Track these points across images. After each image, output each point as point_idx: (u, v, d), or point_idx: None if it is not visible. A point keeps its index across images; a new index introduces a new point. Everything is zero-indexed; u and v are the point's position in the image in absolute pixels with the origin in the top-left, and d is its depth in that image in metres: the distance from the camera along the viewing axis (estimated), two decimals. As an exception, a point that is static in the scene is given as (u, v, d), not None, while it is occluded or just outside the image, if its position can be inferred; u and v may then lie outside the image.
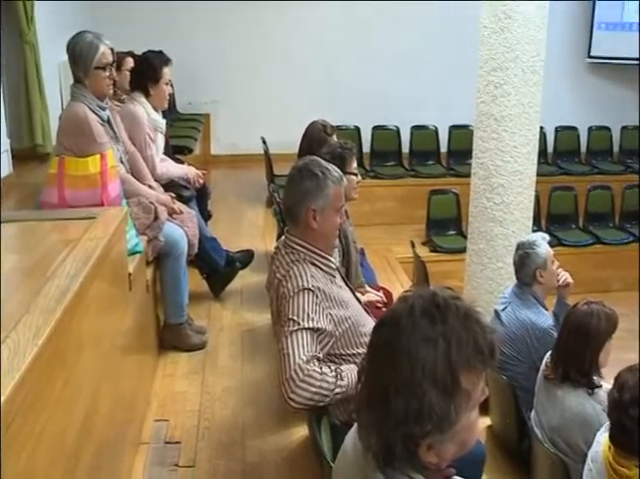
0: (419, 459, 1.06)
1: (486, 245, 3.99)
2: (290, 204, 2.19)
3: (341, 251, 3.26)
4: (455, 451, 1.09)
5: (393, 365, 1.04)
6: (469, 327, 1.04)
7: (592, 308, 2.61)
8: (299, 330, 1.96)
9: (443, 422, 1.02)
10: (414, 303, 1.07)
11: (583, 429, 2.42)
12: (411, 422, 1.01)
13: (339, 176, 2.20)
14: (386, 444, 1.05)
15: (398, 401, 1.02)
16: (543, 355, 2.76)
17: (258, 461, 2.49)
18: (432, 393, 1.00)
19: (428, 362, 1.01)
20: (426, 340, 1.02)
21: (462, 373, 1.02)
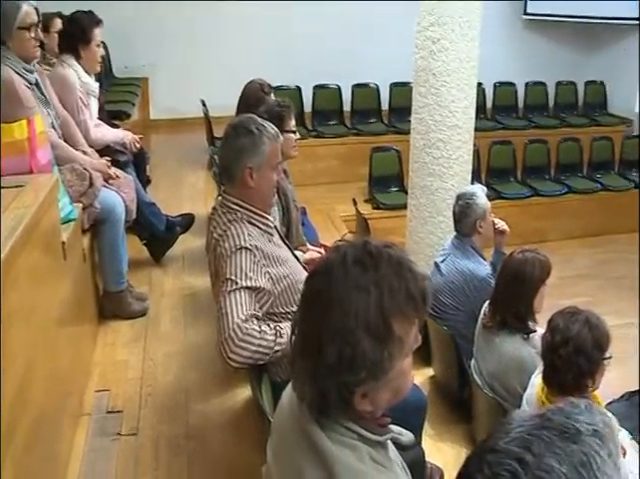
0: (353, 408, 1.05)
1: (427, 200, 3.98)
2: (226, 162, 2.13)
3: (281, 210, 3.24)
4: (389, 399, 1.08)
5: (325, 314, 1.02)
6: (401, 275, 1.03)
7: (526, 256, 2.63)
8: (237, 290, 1.91)
9: (376, 369, 1.01)
10: (346, 252, 1.05)
11: (519, 373, 2.46)
12: (344, 370, 1.00)
13: (275, 132, 2.15)
14: (320, 393, 1.03)
15: (331, 349, 1.00)
16: (482, 304, 2.78)
17: (202, 424, 2.44)
18: (365, 340, 0.99)
19: (360, 310, 0.99)
20: (358, 288, 1.01)
21: (394, 320, 1.01)
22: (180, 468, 2.22)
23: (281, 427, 1.20)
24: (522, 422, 0.71)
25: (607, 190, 6.07)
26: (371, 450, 1.08)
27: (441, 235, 3.78)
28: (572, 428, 0.69)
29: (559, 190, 5.89)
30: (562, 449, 0.66)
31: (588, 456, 0.66)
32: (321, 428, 1.06)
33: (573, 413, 0.71)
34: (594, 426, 0.70)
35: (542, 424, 0.70)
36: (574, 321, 2.09)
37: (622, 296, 4.69)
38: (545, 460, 0.65)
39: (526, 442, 0.67)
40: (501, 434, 0.70)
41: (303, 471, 1.07)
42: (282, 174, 3.46)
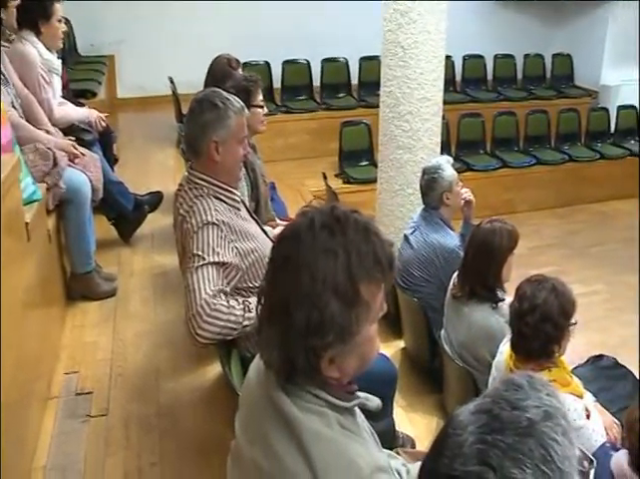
0: (320, 373, 1.03)
1: (396, 173, 3.95)
2: (191, 137, 2.08)
3: (249, 185, 3.21)
4: (356, 366, 1.07)
5: (293, 278, 1.01)
6: (368, 239, 1.03)
7: (494, 226, 2.62)
8: (204, 265, 1.88)
9: (344, 333, 1.00)
10: (313, 217, 1.04)
11: (488, 342, 2.46)
12: (312, 334, 0.99)
13: (240, 106, 2.11)
14: (287, 358, 1.02)
15: (299, 313, 0.99)
16: (451, 275, 2.77)
17: (173, 402, 2.40)
18: (333, 304, 0.98)
19: (328, 273, 0.99)
20: (326, 252, 1.00)
21: (362, 284, 1.00)
22: (152, 446, 2.19)
23: (248, 398, 1.17)
24: (471, 428, 0.66)
25: (574, 161, 6.10)
26: (338, 416, 1.07)
27: (410, 207, 3.75)
28: (524, 420, 0.65)
29: (528, 161, 5.90)
30: (520, 451, 0.63)
31: (547, 448, 0.64)
32: (288, 396, 1.05)
33: (520, 401, 0.67)
34: (543, 407, 0.67)
35: (492, 426, 0.65)
36: (541, 289, 2.09)
37: (588, 265, 4.75)
38: (507, 472, 0.62)
39: (482, 455, 0.63)
40: (454, 450, 0.65)
41: (270, 439, 1.05)
42: (250, 149, 3.41)
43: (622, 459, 1.80)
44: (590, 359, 2.79)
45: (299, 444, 1.02)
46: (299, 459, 1.02)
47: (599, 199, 6.01)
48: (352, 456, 1.03)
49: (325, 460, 1.01)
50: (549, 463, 0.63)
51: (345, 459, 1.02)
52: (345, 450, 1.03)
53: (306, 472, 1.01)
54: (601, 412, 2.25)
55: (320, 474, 1.00)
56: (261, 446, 1.07)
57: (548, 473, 0.62)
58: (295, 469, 1.01)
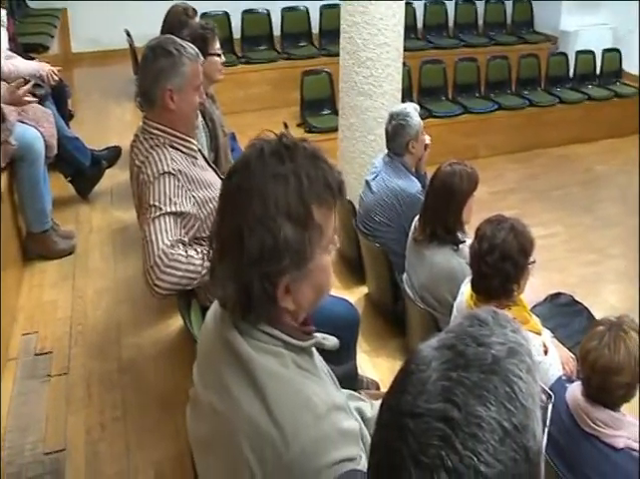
0: (277, 304, 1.01)
1: (357, 119, 3.83)
2: (145, 86, 1.99)
3: (208, 136, 3.10)
4: (311, 297, 1.05)
5: (245, 207, 0.99)
6: (317, 165, 1.02)
7: (454, 168, 2.56)
8: (161, 216, 1.83)
9: (298, 256, 0.99)
10: (262, 147, 1.03)
11: (449, 283, 2.43)
12: (267, 259, 0.97)
13: (195, 52, 2.03)
14: (243, 289, 1.00)
15: (253, 240, 0.97)
16: (412, 219, 2.71)
17: (135, 357, 2.34)
18: (286, 227, 0.97)
19: (280, 197, 0.98)
20: (276, 177, 0.99)
21: (313, 205, 1.00)
22: (114, 402, 2.13)
23: (205, 344, 1.15)
24: (435, 364, 0.62)
25: (534, 106, 6.04)
26: (295, 356, 1.05)
27: (372, 154, 3.65)
28: (489, 357, 0.61)
29: (489, 107, 5.81)
30: (485, 388, 0.59)
31: (511, 385, 0.60)
32: (243, 336, 1.03)
33: (484, 337, 0.63)
34: (508, 344, 0.63)
35: (457, 363, 0.61)
36: (500, 229, 2.06)
37: (548, 208, 4.75)
38: (472, 410, 0.58)
39: (447, 392, 0.59)
40: (418, 387, 0.61)
41: (226, 381, 1.03)
42: (209, 99, 3.27)
43: (576, 390, 1.80)
44: (548, 297, 2.80)
45: (254, 385, 1.00)
46: (255, 400, 0.99)
47: (559, 143, 5.99)
48: (308, 394, 1.01)
49: (280, 399, 0.99)
50: (514, 400, 0.60)
51: (301, 397, 1.00)
52: (301, 389, 1.01)
53: (262, 412, 0.98)
54: (558, 347, 2.26)
55: (276, 414, 0.98)
56: (217, 389, 1.05)
57: (512, 410, 0.59)
58: (251, 410, 0.99)
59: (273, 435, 0.97)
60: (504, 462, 0.57)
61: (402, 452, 0.59)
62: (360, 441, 1.09)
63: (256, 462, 0.99)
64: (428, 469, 0.56)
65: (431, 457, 0.57)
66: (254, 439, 0.99)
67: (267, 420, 0.98)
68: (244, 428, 0.99)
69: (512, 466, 0.58)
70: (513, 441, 0.58)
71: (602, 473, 1.70)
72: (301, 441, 0.97)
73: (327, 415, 1.00)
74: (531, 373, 0.63)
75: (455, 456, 0.56)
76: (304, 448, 0.97)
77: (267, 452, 0.98)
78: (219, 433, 1.05)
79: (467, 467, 0.56)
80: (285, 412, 0.98)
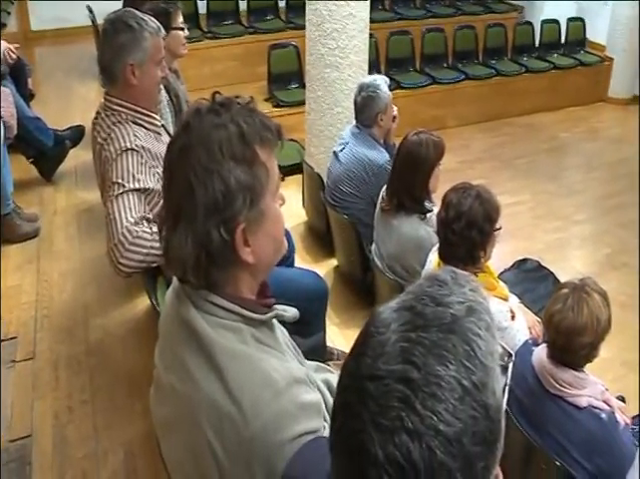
0: (237, 259, 0.99)
1: (324, 92, 3.74)
2: (106, 61, 1.93)
3: (173, 112, 3.00)
4: (268, 250, 1.05)
5: (191, 161, 0.98)
6: (253, 113, 1.03)
7: (420, 138, 2.52)
8: (125, 193, 1.78)
9: (251, 194, 0.98)
10: (198, 107, 1.03)
11: (417, 252, 2.40)
12: (221, 205, 0.97)
13: (157, 26, 1.96)
14: (201, 243, 0.97)
15: (204, 189, 0.96)
16: (380, 190, 2.66)
17: (102, 338, 2.28)
18: (234, 169, 0.97)
19: (223, 142, 0.98)
20: (216, 126, 0.99)
21: (256, 145, 1.00)
22: (82, 385, 2.07)
23: (165, 323, 1.12)
24: (394, 326, 0.60)
25: (501, 75, 5.99)
26: (254, 331, 1.03)
27: (339, 126, 3.58)
28: (448, 316, 0.60)
29: (456, 77, 5.75)
30: (444, 348, 0.58)
31: (470, 343, 0.59)
32: (200, 313, 1.01)
33: (443, 296, 0.62)
34: (466, 303, 0.62)
35: (416, 323, 0.60)
36: (466, 197, 2.04)
37: (515, 176, 4.75)
38: (431, 370, 0.57)
39: (406, 353, 0.58)
40: (377, 349, 0.59)
41: (184, 361, 1.01)
42: (173, 74, 3.16)
43: (542, 353, 1.81)
44: (515, 264, 2.79)
45: (213, 364, 0.98)
46: (213, 379, 0.98)
47: (525, 111, 5.97)
48: (267, 370, 0.99)
49: (239, 377, 0.97)
50: (473, 358, 0.58)
51: (260, 374, 0.98)
52: (259, 365, 0.99)
53: (221, 391, 0.97)
54: (525, 312, 2.26)
55: (235, 392, 0.96)
56: (177, 370, 1.03)
57: (472, 368, 0.58)
58: (210, 389, 0.97)
59: (233, 413, 0.95)
60: (464, 420, 0.56)
61: (362, 416, 0.57)
62: (322, 413, 1.07)
63: (217, 441, 0.97)
64: (388, 431, 0.55)
65: (391, 419, 0.55)
66: (214, 418, 0.97)
67: (226, 399, 0.96)
68: (204, 408, 0.98)
69: (472, 424, 0.57)
70: (473, 399, 0.57)
71: (566, 431, 1.72)
72: (261, 418, 0.95)
73: (287, 390, 0.99)
74: (490, 331, 0.62)
75: (415, 417, 0.55)
76: (265, 424, 0.95)
77: (228, 431, 0.96)
78: (180, 414, 1.03)
79: (427, 427, 0.55)
80: (244, 390, 0.96)
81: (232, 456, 0.97)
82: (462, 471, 0.56)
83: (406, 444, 0.55)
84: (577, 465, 1.68)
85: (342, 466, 0.60)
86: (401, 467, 0.55)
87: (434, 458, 0.55)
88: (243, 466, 0.97)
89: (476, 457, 0.57)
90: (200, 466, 1.00)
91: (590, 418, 1.70)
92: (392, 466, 0.55)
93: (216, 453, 0.97)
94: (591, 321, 1.68)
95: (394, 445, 0.55)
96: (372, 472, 0.56)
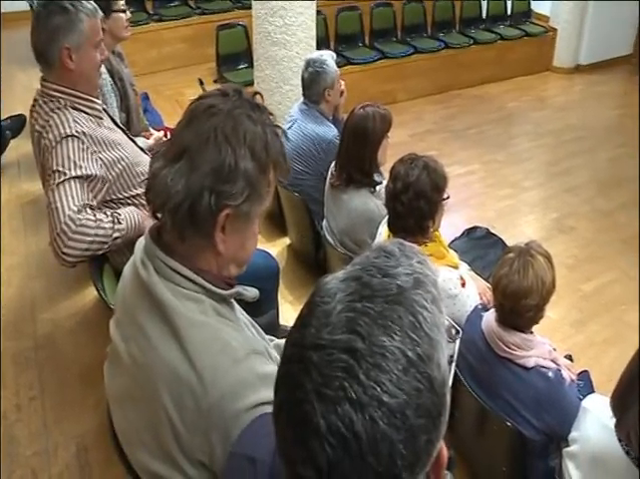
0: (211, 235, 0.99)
1: (272, 70, 3.65)
2: (40, 46, 1.84)
3: (118, 96, 2.90)
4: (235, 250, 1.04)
5: (216, 121, 0.97)
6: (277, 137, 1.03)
7: (367, 111, 2.48)
8: (66, 181, 1.70)
9: (251, 190, 0.98)
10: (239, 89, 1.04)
11: (368, 225, 2.37)
12: (225, 175, 0.96)
13: (93, 7, 1.87)
14: (191, 193, 0.96)
15: (217, 152, 0.96)
16: (330, 165, 2.60)
17: (51, 332, 2.18)
18: (248, 159, 0.97)
19: (250, 132, 0.98)
20: (249, 118, 0.99)
21: (271, 163, 1.01)
22: (30, 381, 1.98)
23: (123, 295, 1.10)
24: (340, 296, 0.58)
25: (450, 48, 5.95)
26: (216, 304, 1.03)
27: (288, 103, 3.50)
28: (394, 287, 0.59)
29: (406, 51, 5.69)
30: (389, 318, 0.57)
31: (416, 315, 0.58)
32: (163, 281, 1.00)
33: (390, 268, 0.61)
34: (413, 274, 0.61)
35: (362, 294, 0.58)
36: (414, 167, 2.01)
37: (465, 147, 4.75)
38: (376, 340, 0.56)
39: (351, 323, 0.56)
40: (322, 319, 0.58)
41: (145, 329, 1.00)
42: (116, 57, 3.04)
43: (490, 318, 1.81)
44: (465, 232, 2.79)
45: (173, 331, 0.98)
46: (174, 346, 0.97)
47: (474, 83, 5.97)
48: (227, 339, 0.99)
49: (199, 345, 0.97)
50: (418, 330, 0.57)
51: (219, 343, 0.98)
52: (220, 335, 0.99)
53: (181, 359, 0.96)
54: (475, 279, 2.25)
55: (195, 360, 0.96)
56: (137, 339, 1.02)
57: (417, 340, 0.56)
58: (170, 356, 0.97)
59: (192, 382, 0.95)
60: (408, 392, 0.55)
61: (305, 386, 0.55)
62: None
63: (175, 411, 0.96)
64: (331, 402, 0.54)
65: (334, 389, 0.54)
66: (174, 387, 0.96)
67: (186, 367, 0.95)
68: (164, 376, 0.97)
69: (416, 396, 0.56)
70: (417, 371, 0.56)
71: (515, 392, 1.72)
72: (220, 386, 0.95)
73: (246, 359, 0.98)
74: (436, 304, 0.61)
75: (358, 387, 0.53)
76: (223, 393, 0.95)
77: (186, 399, 0.95)
78: (139, 384, 1.02)
79: (370, 398, 0.53)
80: (204, 358, 0.96)
81: (190, 425, 0.96)
82: (404, 443, 0.54)
83: (349, 415, 0.53)
84: (527, 423, 1.70)
85: (285, 437, 0.58)
86: (343, 437, 0.53)
87: (376, 429, 0.53)
88: (201, 435, 0.96)
89: (419, 430, 0.56)
90: (158, 435, 0.99)
91: (538, 378, 1.71)
92: (334, 436, 0.53)
93: (174, 422, 0.96)
94: (536, 284, 1.68)
95: (337, 415, 0.53)
96: (314, 443, 0.54)
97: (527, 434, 1.68)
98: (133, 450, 1.08)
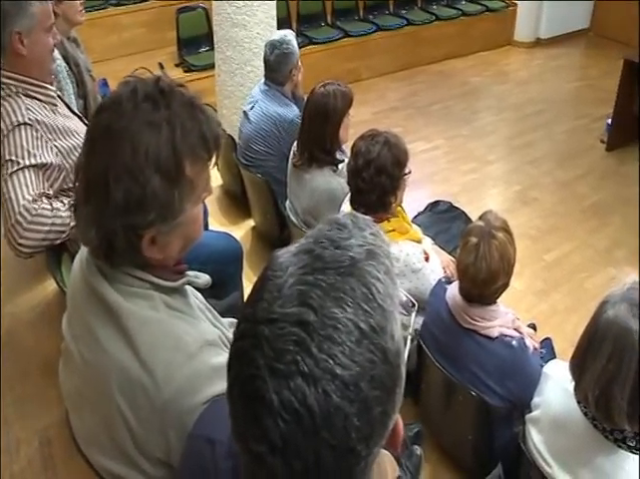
0: (141, 254, 0.95)
1: (233, 52, 3.55)
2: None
3: (74, 82, 2.79)
4: (180, 246, 0.99)
5: (113, 150, 0.90)
6: (194, 115, 0.93)
7: (328, 89, 2.43)
8: (20, 170, 1.63)
9: (166, 211, 0.91)
10: (136, 87, 0.93)
11: (331, 204, 2.34)
12: (133, 210, 0.89)
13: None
14: (105, 236, 0.92)
15: (118, 188, 0.89)
16: (292, 145, 2.55)
17: (12, 326, 2.11)
18: (155, 180, 0.89)
19: (151, 147, 0.89)
20: (149, 124, 0.90)
21: (186, 161, 0.92)
22: (-10, 376, 1.89)
23: (73, 293, 1.06)
24: (292, 269, 0.57)
25: (412, 24, 5.89)
26: (166, 297, 1.00)
27: (250, 85, 3.41)
28: (346, 259, 0.57)
29: (368, 29, 5.60)
30: (341, 290, 0.55)
31: (368, 286, 0.56)
32: (109, 282, 0.97)
33: (343, 239, 0.59)
34: (366, 246, 0.59)
35: (314, 266, 0.57)
36: (374, 143, 1.98)
37: (429, 123, 4.72)
38: (328, 312, 0.54)
39: (303, 296, 0.55)
40: (274, 292, 0.56)
41: (94, 330, 0.97)
42: (72, 42, 2.92)
43: (455, 290, 1.79)
44: (428, 206, 2.77)
45: (123, 331, 0.95)
46: (124, 346, 0.94)
47: (437, 59, 5.92)
48: (179, 334, 0.96)
49: (150, 343, 0.94)
50: (371, 301, 0.56)
51: (171, 339, 0.95)
52: (171, 330, 0.97)
53: (132, 358, 0.94)
54: (439, 253, 2.24)
55: (146, 359, 0.93)
56: (86, 339, 0.99)
57: (369, 311, 0.55)
58: (121, 357, 0.94)
59: (144, 380, 0.93)
60: (361, 364, 0.54)
61: (257, 361, 0.54)
62: None
63: (129, 410, 0.93)
64: (283, 376, 0.52)
65: (286, 363, 0.53)
66: (125, 387, 0.93)
67: (137, 366, 0.93)
68: (115, 377, 0.94)
69: (370, 367, 0.54)
70: (370, 342, 0.55)
71: (480, 362, 1.72)
72: (174, 382, 0.92)
73: (199, 353, 0.96)
74: (390, 275, 0.60)
75: (310, 360, 0.52)
76: (178, 389, 0.92)
77: (139, 399, 0.92)
78: (91, 384, 0.98)
79: (323, 371, 0.52)
80: (156, 356, 0.93)
81: (146, 424, 0.94)
82: (358, 415, 0.53)
83: (301, 389, 0.52)
84: (491, 392, 1.70)
85: (238, 414, 0.57)
86: (296, 412, 0.52)
87: (330, 402, 0.52)
88: (157, 433, 0.94)
89: (373, 402, 0.54)
90: (113, 435, 0.96)
91: (502, 347, 1.71)
92: (287, 411, 0.52)
93: (129, 421, 0.93)
94: (503, 266, 1.67)
95: (289, 390, 0.52)
96: (267, 418, 0.53)
97: (492, 403, 1.68)
98: (90, 451, 1.05)
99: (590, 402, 1.32)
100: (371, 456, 0.57)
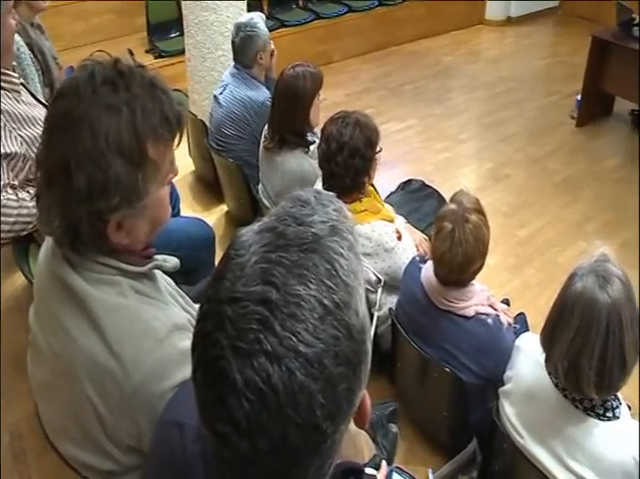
0: (107, 240, 0.93)
1: (204, 36, 3.47)
2: None
3: (40, 70, 2.69)
4: (147, 230, 0.97)
5: (73, 137, 0.86)
6: (154, 96, 0.90)
7: (297, 71, 2.40)
8: None
9: (131, 194, 0.89)
10: (94, 71, 0.89)
11: (303, 186, 2.19)
12: (96, 196, 0.87)
13: None
14: (70, 225, 0.90)
15: (80, 175, 0.86)
16: (263, 129, 2.50)
17: (-21, 319, 2.01)
18: (117, 164, 0.86)
19: (112, 131, 0.86)
20: (108, 108, 0.87)
21: (148, 142, 0.89)
22: (-40, 377, 1.83)
23: (39, 283, 1.04)
24: (254, 247, 0.55)
25: (383, 5, 5.80)
26: (134, 283, 0.98)
27: (221, 69, 3.34)
28: (309, 236, 0.56)
29: (340, 10, 5.50)
30: (304, 267, 0.54)
31: (332, 262, 0.55)
32: (75, 269, 0.94)
33: (306, 216, 0.57)
34: (329, 222, 0.58)
35: (277, 244, 0.55)
36: (345, 126, 1.94)
37: (402, 103, 4.68)
38: (291, 290, 0.53)
39: (266, 274, 0.53)
40: (236, 272, 0.54)
41: (62, 319, 0.95)
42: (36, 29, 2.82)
43: (430, 272, 1.77)
44: (400, 185, 2.75)
45: (90, 319, 0.93)
46: (92, 334, 0.92)
47: (409, 39, 5.86)
48: (147, 320, 0.95)
49: (118, 330, 0.93)
50: (334, 277, 0.55)
51: (139, 324, 0.94)
52: (139, 316, 0.95)
53: (100, 346, 0.92)
54: (412, 231, 2.23)
55: (114, 345, 0.92)
56: (53, 329, 0.97)
57: (333, 287, 0.54)
58: (88, 345, 0.92)
59: (113, 368, 0.91)
60: (325, 340, 0.53)
61: (220, 341, 0.53)
62: None
63: (98, 398, 0.92)
64: (247, 355, 0.51)
65: (249, 342, 0.51)
66: (94, 375, 0.91)
67: (106, 353, 0.91)
68: (83, 365, 0.92)
69: (334, 344, 0.53)
70: (334, 318, 0.54)
71: (457, 341, 1.71)
72: (143, 368, 0.91)
73: (168, 337, 0.94)
74: (353, 250, 0.58)
75: (273, 339, 0.51)
76: (147, 374, 0.91)
77: (108, 386, 0.91)
78: (59, 374, 0.96)
79: (286, 349, 0.51)
80: (124, 342, 0.92)
81: (115, 411, 0.92)
82: (323, 393, 0.52)
83: (265, 367, 0.51)
84: (466, 369, 1.70)
85: (204, 396, 0.55)
86: (260, 391, 0.51)
87: (294, 380, 0.51)
88: (127, 419, 0.92)
89: (338, 378, 0.53)
90: (83, 425, 0.95)
91: (478, 325, 1.71)
92: (251, 391, 0.51)
93: (98, 409, 0.92)
94: (478, 248, 1.64)
95: (252, 369, 0.51)
96: (232, 398, 0.51)
97: (466, 379, 1.68)
98: (60, 442, 1.03)
99: (560, 373, 1.32)
100: (338, 433, 0.55)
